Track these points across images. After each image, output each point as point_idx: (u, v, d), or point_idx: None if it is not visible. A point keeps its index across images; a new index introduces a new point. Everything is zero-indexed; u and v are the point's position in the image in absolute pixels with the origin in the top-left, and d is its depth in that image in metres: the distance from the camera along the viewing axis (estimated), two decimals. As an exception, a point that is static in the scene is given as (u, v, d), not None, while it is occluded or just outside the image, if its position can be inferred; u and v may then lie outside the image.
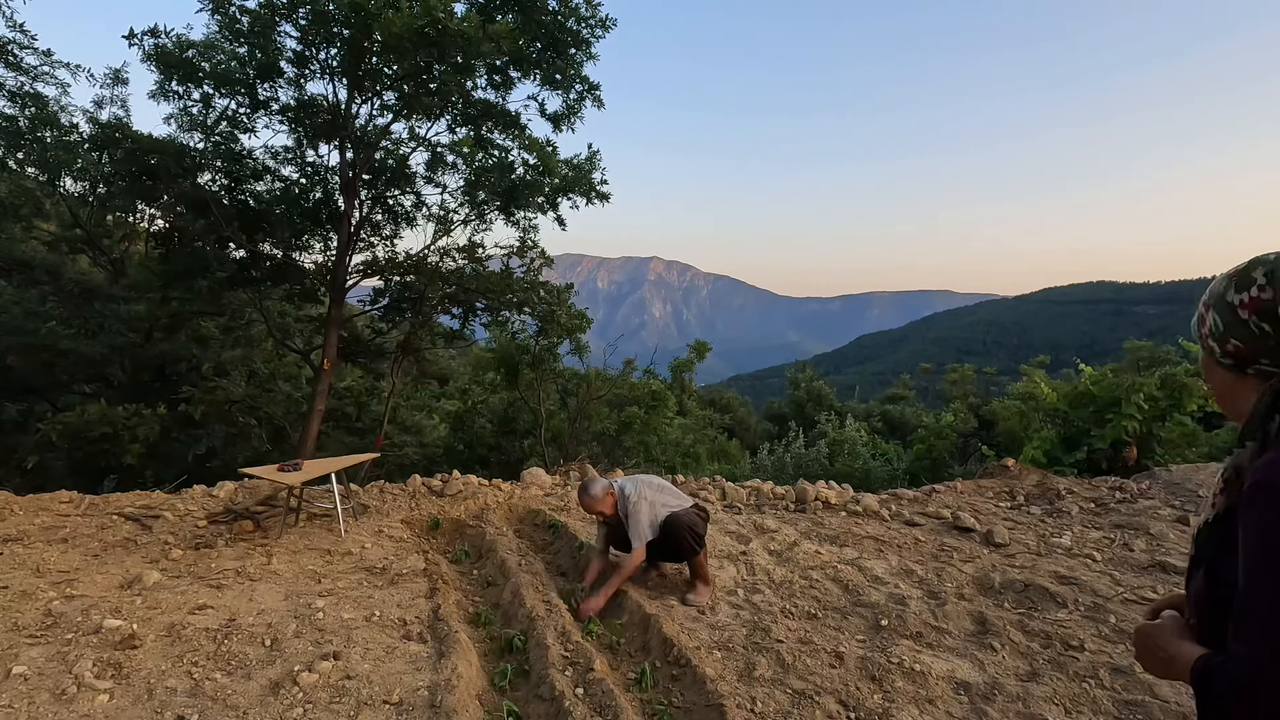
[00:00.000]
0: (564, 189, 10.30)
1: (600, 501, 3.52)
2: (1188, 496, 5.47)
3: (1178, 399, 7.15)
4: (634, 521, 3.46)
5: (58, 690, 2.37)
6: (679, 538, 3.45)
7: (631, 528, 3.47)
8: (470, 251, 11.18)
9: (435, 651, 2.84)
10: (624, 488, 3.58)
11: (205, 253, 10.41)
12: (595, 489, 3.55)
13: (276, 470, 4.34)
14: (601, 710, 2.46)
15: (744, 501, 5.59)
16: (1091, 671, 2.79)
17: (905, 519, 5.10)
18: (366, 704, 2.43)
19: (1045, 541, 4.54)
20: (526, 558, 4.08)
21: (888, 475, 10.45)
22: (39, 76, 9.69)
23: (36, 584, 3.27)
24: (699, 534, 3.50)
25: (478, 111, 10.03)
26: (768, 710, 2.49)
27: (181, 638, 2.80)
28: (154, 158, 9.12)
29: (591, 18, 9.15)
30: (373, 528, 4.54)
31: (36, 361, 10.77)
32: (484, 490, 5.52)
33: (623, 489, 3.57)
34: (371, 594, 3.44)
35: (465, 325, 12.30)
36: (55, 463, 10.07)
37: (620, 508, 3.54)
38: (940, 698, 2.60)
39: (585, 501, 3.56)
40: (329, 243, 11.07)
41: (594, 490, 3.54)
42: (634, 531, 3.46)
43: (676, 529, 3.45)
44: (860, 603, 3.50)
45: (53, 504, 4.66)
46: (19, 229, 11.80)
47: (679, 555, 3.57)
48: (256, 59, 8.72)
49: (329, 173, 10.60)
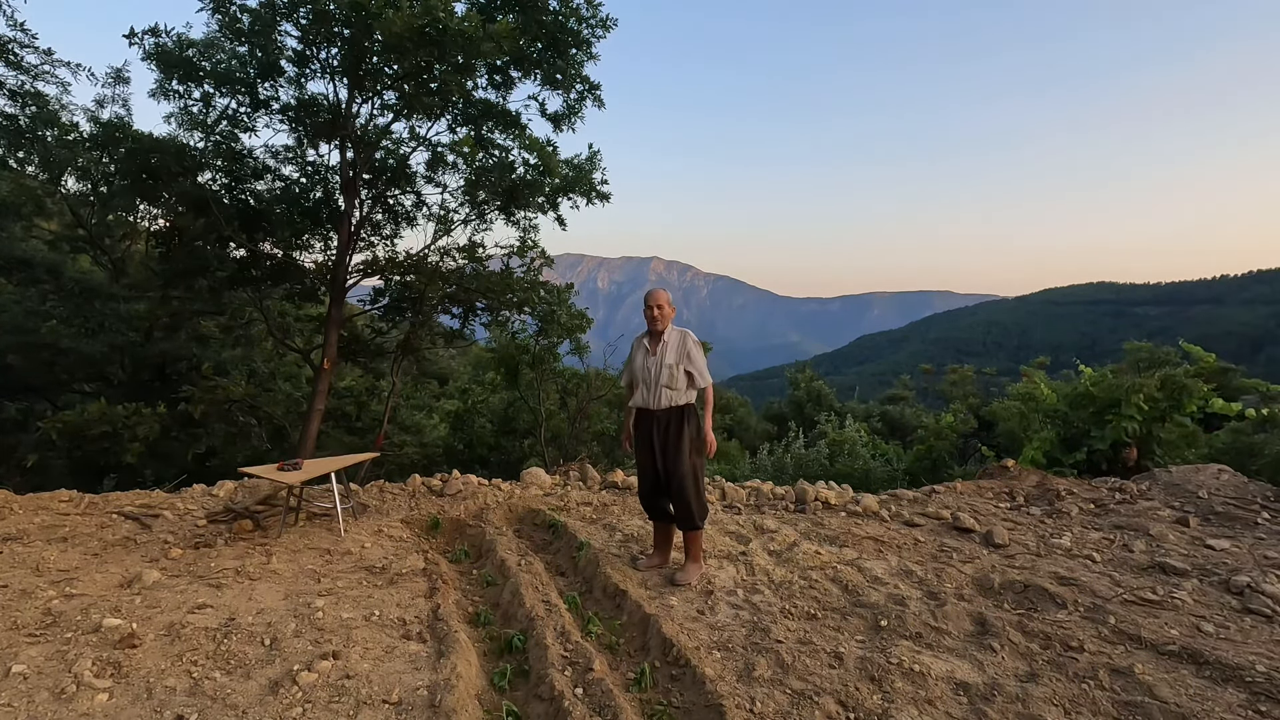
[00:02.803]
0: (564, 189, 10.29)
1: (667, 306, 3.73)
2: (1187, 497, 5.47)
3: (1178, 400, 7.14)
4: (696, 358, 3.70)
5: (57, 689, 2.37)
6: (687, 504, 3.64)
7: (695, 364, 3.69)
8: (470, 251, 11.16)
9: (435, 651, 2.84)
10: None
11: (205, 252, 10.40)
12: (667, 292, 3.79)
13: (276, 469, 4.34)
14: (601, 710, 2.46)
15: (744, 502, 5.58)
16: (1091, 672, 2.79)
17: (905, 520, 5.10)
18: (366, 703, 2.43)
19: (1045, 542, 4.53)
20: (526, 558, 4.08)
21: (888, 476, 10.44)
22: (40, 75, 9.68)
23: (36, 583, 3.27)
24: (705, 507, 3.73)
25: (478, 111, 10.02)
26: (767, 710, 2.49)
27: (181, 637, 2.80)
28: (155, 157, 9.11)
29: (592, 18, 9.14)
30: (372, 527, 4.54)
31: (37, 360, 10.76)
32: (484, 490, 5.52)
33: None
34: (371, 593, 3.44)
35: (465, 325, 12.28)
36: (55, 461, 10.06)
37: (677, 339, 3.72)
38: (939, 698, 2.60)
39: (658, 297, 3.74)
40: (329, 242, 11.06)
41: (663, 295, 3.78)
42: (698, 368, 3.70)
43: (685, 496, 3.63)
44: (860, 603, 3.50)
45: (52, 503, 4.66)
46: (20, 228, 11.81)
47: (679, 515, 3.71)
48: (257, 58, 8.72)
49: (329, 172, 10.60)
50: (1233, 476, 5.86)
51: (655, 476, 3.74)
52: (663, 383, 3.66)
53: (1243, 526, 4.81)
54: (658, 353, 3.69)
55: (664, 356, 3.67)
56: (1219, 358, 8.57)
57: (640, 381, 3.75)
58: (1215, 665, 2.82)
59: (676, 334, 3.74)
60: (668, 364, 3.66)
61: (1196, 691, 2.65)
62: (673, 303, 3.80)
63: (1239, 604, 3.48)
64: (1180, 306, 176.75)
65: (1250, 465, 6.90)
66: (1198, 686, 2.69)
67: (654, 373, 3.67)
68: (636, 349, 3.83)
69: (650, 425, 3.71)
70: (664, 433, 3.68)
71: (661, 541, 3.98)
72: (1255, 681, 2.70)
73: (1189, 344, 8.57)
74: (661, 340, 3.72)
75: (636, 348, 3.83)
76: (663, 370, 3.66)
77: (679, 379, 3.67)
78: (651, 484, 3.78)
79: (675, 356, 3.67)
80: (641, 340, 3.83)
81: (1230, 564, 4.04)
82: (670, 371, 3.65)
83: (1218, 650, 2.94)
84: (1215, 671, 2.79)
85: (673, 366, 3.66)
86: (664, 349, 3.69)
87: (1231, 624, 3.27)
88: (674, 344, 3.70)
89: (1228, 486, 5.63)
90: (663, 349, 3.69)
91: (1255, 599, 3.48)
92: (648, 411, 3.72)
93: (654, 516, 3.92)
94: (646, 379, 3.70)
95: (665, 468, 3.67)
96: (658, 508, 3.86)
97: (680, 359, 3.67)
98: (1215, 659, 2.86)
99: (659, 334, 3.73)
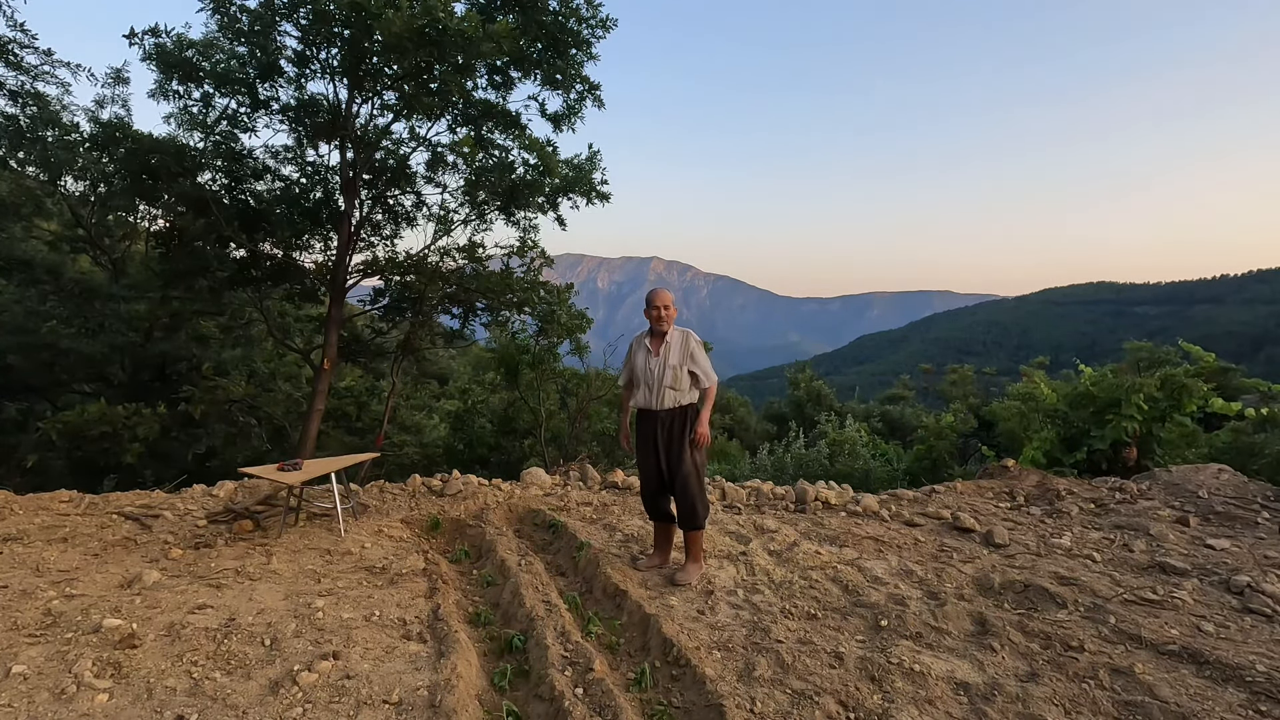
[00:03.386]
0: (564, 189, 10.29)
1: (672, 307, 3.74)
2: (1188, 497, 5.47)
3: (1178, 400, 7.14)
4: (700, 358, 3.71)
5: (57, 689, 2.37)
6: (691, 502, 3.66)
7: (699, 364, 3.71)
8: (470, 251, 11.17)
9: (435, 651, 2.84)
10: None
11: (205, 252, 10.41)
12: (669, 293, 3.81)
13: (276, 470, 4.34)
14: (601, 710, 2.46)
15: (744, 502, 5.58)
16: (1091, 672, 2.79)
17: (905, 519, 5.10)
18: (366, 704, 2.43)
19: (1045, 542, 4.53)
20: (526, 558, 4.08)
21: (888, 475, 10.44)
22: (40, 76, 9.69)
23: (36, 583, 3.27)
24: (707, 505, 3.75)
25: (478, 111, 10.01)
26: (767, 710, 2.49)
27: (181, 637, 2.80)
28: (154, 157, 9.11)
29: (592, 18, 9.15)
30: (372, 527, 4.54)
31: (37, 360, 10.76)
32: (484, 490, 5.52)
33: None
34: (371, 594, 3.44)
35: (465, 325, 12.29)
36: (55, 462, 10.07)
37: (680, 340, 3.72)
38: (940, 698, 2.60)
39: (663, 297, 3.73)
40: (329, 242, 11.06)
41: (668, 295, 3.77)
42: (703, 368, 3.71)
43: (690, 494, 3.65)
44: (860, 603, 3.50)
45: (52, 503, 4.67)
46: (20, 228, 11.80)
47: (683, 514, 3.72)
48: (256, 58, 8.72)
49: (329, 172, 10.60)
50: (1233, 476, 5.86)
51: (659, 477, 3.73)
52: (666, 383, 3.65)
53: (1243, 526, 4.81)
54: (660, 353, 3.68)
55: (667, 357, 3.66)
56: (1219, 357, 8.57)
57: (642, 382, 3.74)
58: (1215, 665, 2.82)
59: (679, 334, 3.73)
60: (671, 365, 3.65)
61: (1197, 691, 2.65)
62: (676, 303, 3.81)
63: (1239, 604, 3.48)
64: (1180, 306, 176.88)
65: (1250, 465, 6.90)
66: (1198, 686, 2.69)
67: (657, 374, 3.66)
68: (636, 349, 3.81)
69: (654, 426, 3.70)
70: (667, 433, 3.67)
71: (662, 541, 3.98)
72: (1255, 681, 2.70)
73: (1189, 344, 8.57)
74: (664, 341, 3.71)
75: (636, 348, 3.82)
76: (666, 371, 3.65)
77: (682, 379, 3.66)
78: (655, 485, 3.78)
79: (678, 357, 3.66)
80: (642, 340, 3.81)
81: (1230, 564, 4.04)
82: (674, 372, 3.64)
83: (1218, 650, 2.94)
84: (1215, 671, 2.79)
85: (676, 367, 3.65)
86: (667, 349, 3.68)
87: (1232, 624, 3.27)
88: (677, 344, 3.69)
89: (1228, 486, 5.63)
90: (665, 349, 3.68)
91: (1255, 599, 3.48)
92: (650, 412, 3.71)
93: (655, 517, 3.92)
94: (649, 380, 3.69)
95: (669, 467, 3.67)
96: (659, 508, 3.86)
97: (683, 359, 3.67)
98: (1215, 659, 2.86)
99: (662, 334, 3.73)
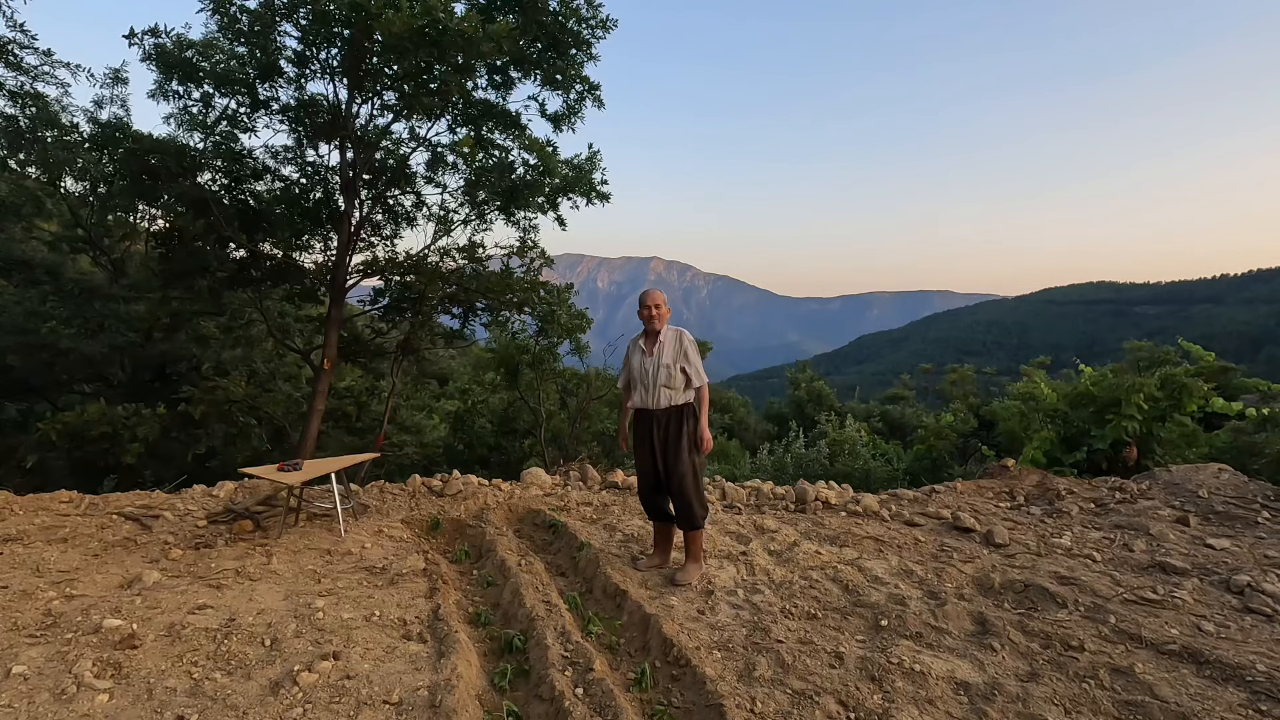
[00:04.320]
0: (564, 189, 10.30)
1: (663, 306, 3.75)
2: (1188, 497, 5.47)
3: (1178, 399, 7.15)
4: (693, 357, 3.71)
5: (57, 690, 2.37)
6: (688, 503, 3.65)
7: (692, 364, 3.70)
8: (470, 251, 11.17)
9: (435, 651, 2.84)
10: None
11: (205, 252, 10.40)
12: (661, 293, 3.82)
13: (276, 470, 4.34)
14: (601, 710, 2.46)
15: (744, 501, 5.59)
16: (1091, 672, 2.79)
17: (905, 519, 5.10)
18: (366, 704, 2.43)
19: (1045, 542, 4.53)
20: (526, 558, 4.08)
21: (888, 475, 10.45)
22: (39, 76, 9.69)
23: (36, 583, 3.27)
24: (705, 506, 3.73)
25: (478, 111, 10.01)
26: (767, 710, 2.49)
27: (181, 637, 2.80)
28: (154, 157, 9.11)
29: (592, 18, 9.14)
30: (373, 528, 4.54)
31: (37, 361, 10.76)
32: (484, 490, 5.52)
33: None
34: (371, 594, 3.44)
35: (465, 325, 12.29)
36: (55, 462, 10.06)
37: (673, 339, 3.72)
38: (940, 698, 2.60)
39: (654, 297, 3.76)
40: (329, 243, 11.06)
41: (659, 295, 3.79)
42: (694, 368, 3.70)
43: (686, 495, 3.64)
44: (860, 603, 3.50)
45: (52, 503, 4.67)
46: (20, 229, 11.81)
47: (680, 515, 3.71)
48: (256, 59, 8.72)
49: (329, 172, 10.59)
50: (1233, 476, 5.86)
51: (655, 476, 3.75)
52: (661, 383, 3.66)
53: (1243, 526, 4.81)
54: (654, 353, 3.70)
55: (661, 357, 3.68)
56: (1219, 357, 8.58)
57: (638, 383, 3.76)
58: (1215, 664, 2.82)
59: (672, 333, 3.75)
60: (665, 364, 3.66)
61: (1197, 691, 2.65)
62: (668, 303, 3.82)
63: (1239, 603, 3.48)
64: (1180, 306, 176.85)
65: (1250, 464, 6.91)
66: (1198, 686, 2.69)
67: (652, 373, 3.68)
68: (632, 351, 3.84)
69: (650, 425, 3.72)
70: (664, 432, 3.68)
71: (661, 541, 3.98)
72: (1255, 681, 2.70)
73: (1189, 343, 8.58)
74: (658, 340, 3.73)
75: (632, 349, 3.85)
76: (660, 370, 3.66)
77: (677, 378, 3.67)
78: (651, 484, 3.79)
79: (672, 356, 3.68)
80: (637, 342, 3.84)
81: (1230, 563, 4.04)
82: (668, 371, 3.66)
83: (1218, 650, 2.94)
84: (1215, 671, 2.79)
85: (670, 366, 3.66)
86: (660, 349, 3.70)
87: (1232, 623, 3.27)
88: (670, 344, 3.71)
89: (1228, 486, 5.63)
90: (659, 349, 3.70)
91: (1255, 598, 3.48)
92: (647, 412, 3.73)
93: (654, 517, 3.93)
94: (645, 380, 3.71)
95: (665, 467, 3.68)
96: (658, 508, 3.87)
97: (677, 358, 3.68)
98: (1215, 658, 2.86)
99: (655, 334, 3.75)
